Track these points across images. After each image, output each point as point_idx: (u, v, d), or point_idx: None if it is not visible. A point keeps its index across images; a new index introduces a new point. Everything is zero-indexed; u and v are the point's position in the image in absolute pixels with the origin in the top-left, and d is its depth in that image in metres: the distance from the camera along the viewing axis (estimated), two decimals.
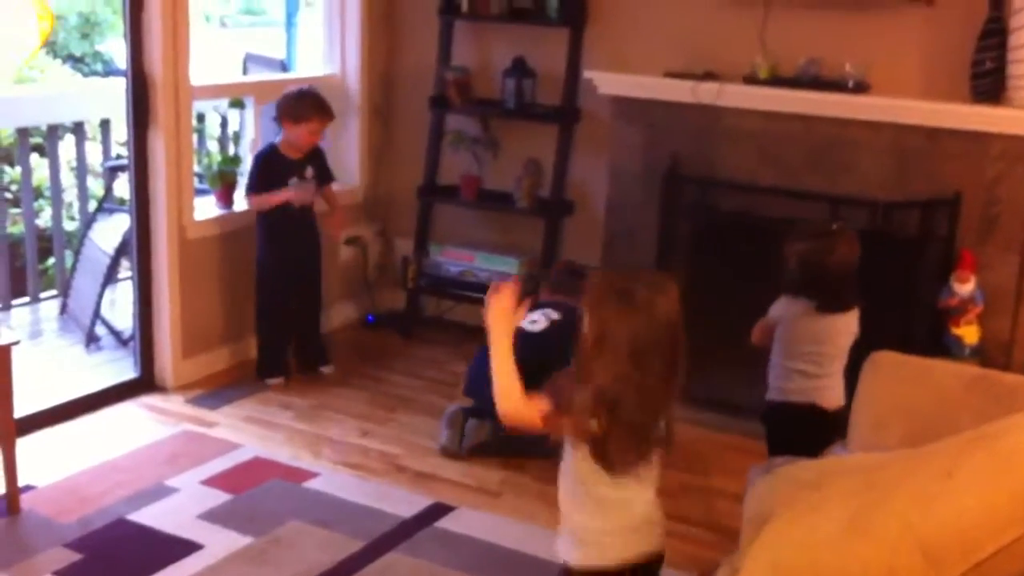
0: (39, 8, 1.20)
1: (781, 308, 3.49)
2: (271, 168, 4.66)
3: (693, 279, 4.79)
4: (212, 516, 3.66)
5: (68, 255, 5.81)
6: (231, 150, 5.04)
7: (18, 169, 5.93)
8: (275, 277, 4.77)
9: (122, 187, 5.35)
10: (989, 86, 4.22)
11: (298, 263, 4.81)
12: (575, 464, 2.25)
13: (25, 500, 3.66)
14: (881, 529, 1.54)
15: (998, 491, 1.52)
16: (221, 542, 3.49)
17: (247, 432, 4.32)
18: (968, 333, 4.27)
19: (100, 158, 6.15)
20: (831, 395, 3.38)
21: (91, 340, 5.17)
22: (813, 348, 3.38)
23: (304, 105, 4.64)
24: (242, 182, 5.05)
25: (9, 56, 1.19)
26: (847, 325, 3.42)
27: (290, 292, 4.81)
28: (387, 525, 3.64)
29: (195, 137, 5.10)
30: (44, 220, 6.20)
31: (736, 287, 4.57)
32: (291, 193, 4.66)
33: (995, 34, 4.19)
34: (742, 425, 4.21)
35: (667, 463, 2.32)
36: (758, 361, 4.13)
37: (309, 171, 4.73)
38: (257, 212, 4.74)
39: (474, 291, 5.28)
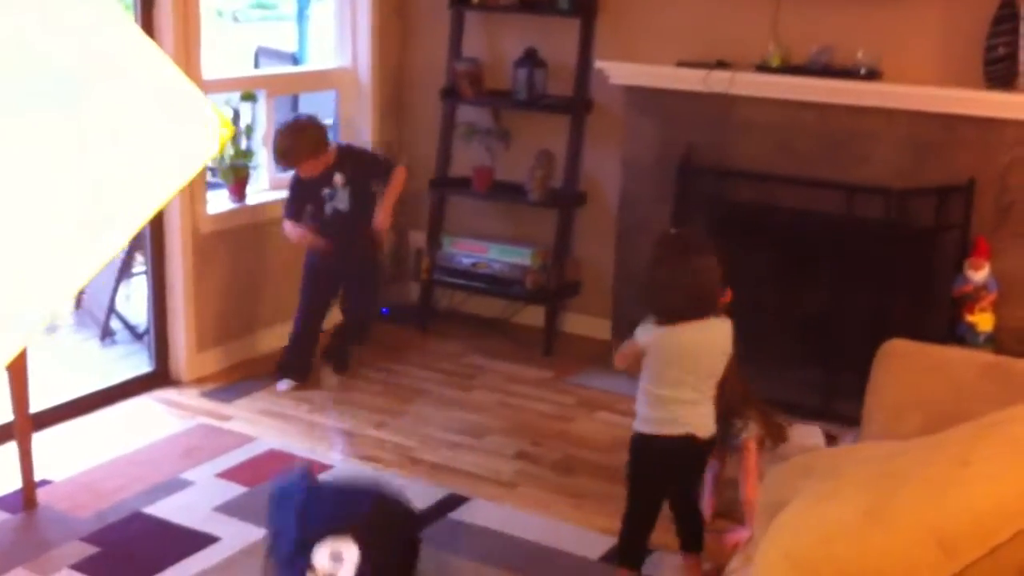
0: (221, 118, 1.22)
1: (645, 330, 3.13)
2: (299, 189, 4.60)
3: None
4: (228, 509, 3.67)
5: None
6: (243, 144, 5.04)
7: None
8: (311, 281, 4.70)
9: None
10: (1002, 72, 4.20)
11: (337, 274, 4.70)
12: None
13: (41, 494, 3.68)
14: (897, 518, 1.54)
15: (1013, 478, 1.52)
16: (237, 535, 3.50)
17: (262, 425, 4.33)
18: (982, 320, 4.26)
19: None
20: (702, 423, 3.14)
21: (106, 334, 5.20)
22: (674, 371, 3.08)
23: (276, 153, 4.62)
24: (255, 175, 5.06)
25: (189, 164, 1.21)
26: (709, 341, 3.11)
27: (326, 299, 4.73)
28: None
29: None
30: None
31: (752, 278, 4.56)
32: (297, 235, 4.64)
33: (1008, 19, 4.17)
34: (753, 414, 4.20)
35: None
36: (774, 352, 4.14)
37: (338, 178, 4.57)
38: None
39: (487, 283, 5.29)
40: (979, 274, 4.23)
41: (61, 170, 1.11)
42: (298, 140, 4.49)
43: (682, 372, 3.06)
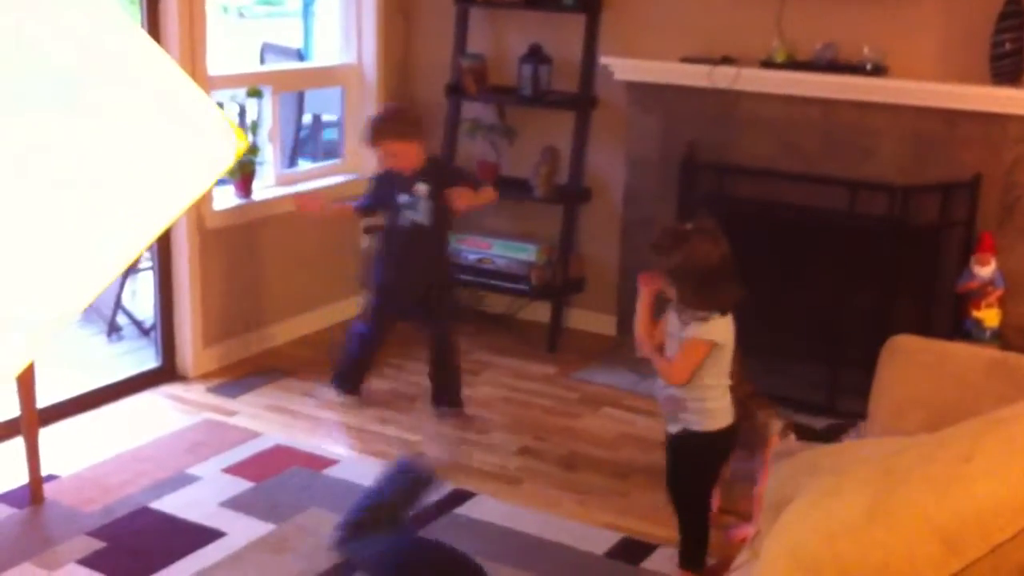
0: (236, 130, 1.22)
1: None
2: (379, 183, 4.42)
3: None
4: (234, 504, 3.68)
5: None
6: (249, 139, 5.05)
7: None
8: (376, 294, 4.52)
9: None
10: (1008, 68, 4.19)
11: (411, 292, 4.42)
12: None
13: (48, 490, 3.69)
14: (900, 515, 1.54)
15: (1017, 475, 1.52)
16: (243, 529, 3.51)
17: (268, 420, 4.34)
18: (988, 316, 4.26)
19: None
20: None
21: (112, 330, 5.21)
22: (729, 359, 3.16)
23: (366, 131, 4.37)
24: (261, 171, 5.06)
25: (204, 175, 1.20)
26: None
27: (387, 315, 4.50)
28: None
29: None
30: None
31: (756, 274, 4.56)
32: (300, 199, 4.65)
33: (1014, 15, 4.17)
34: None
35: None
36: (778, 349, 4.12)
37: (421, 188, 4.25)
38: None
39: (492, 279, 5.29)
40: (985, 270, 4.23)
41: (65, 176, 1.12)
42: (389, 116, 4.36)
43: (731, 360, 3.16)
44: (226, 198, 4.87)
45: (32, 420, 3.63)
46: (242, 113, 6.03)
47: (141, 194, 1.16)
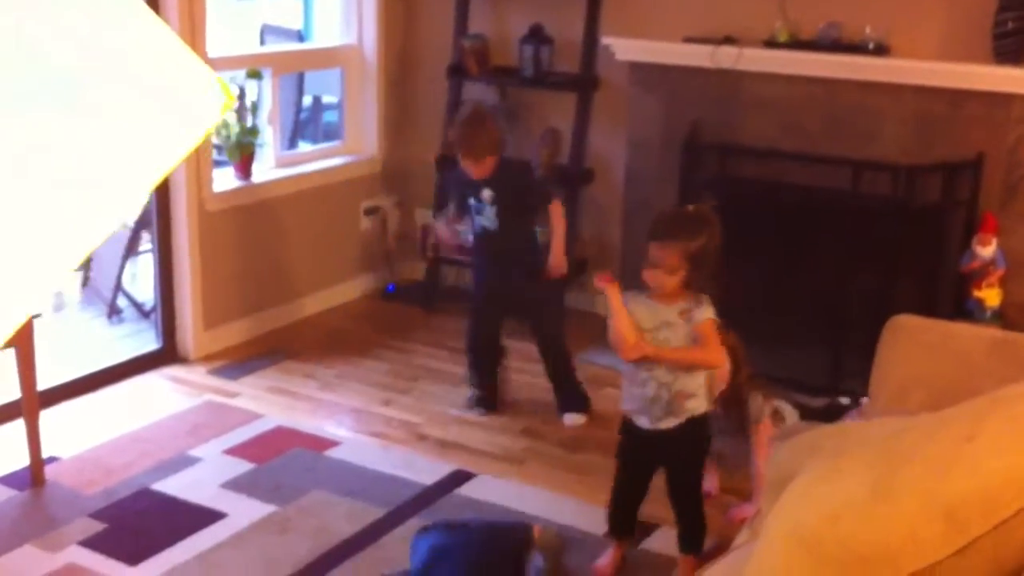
0: (222, 86, 1.20)
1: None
2: (449, 180, 4.34)
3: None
4: (235, 485, 3.68)
5: None
6: (249, 121, 5.04)
7: None
8: (474, 299, 4.47)
9: None
10: (1011, 47, 4.17)
11: (497, 298, 4.34)
12: None
13: (49, 471, 3.70)
14: (902, 494, 1.54)
15: (1018, 453, 1.51)
16: (245, 511, 3.52)
17: (269, 402, 4.34)
18: (990, 296, 4.25)
19: None
20: None
21: (113, 312, 5.21)
22: None
23: (457, 143, 4.17)
24: (260, 153, 5.05)
25: (191, 130, 1.19)
26: None
27: (484, 321, 4.38)
28: (409, 492, 3.66)
29: None
30: None
31: (759, 255, 4.56)
32: (438, 230, 4.56)
33: None
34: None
35: None
36: (781, 330, 4.11)
37: (486, 193, 4.13)
38: None
39: None
40: (987, 250, 4.22)
41: (45, 128, 1.11)
42: (467, 135, 4.08)
43: None
44: (226, 180, 4.86)
45: (33, 402, 3.63)
46: (242, 95, 6.01)
47: (127, 152, 1.16)
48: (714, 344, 3.00)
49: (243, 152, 4.90)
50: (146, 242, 5.34)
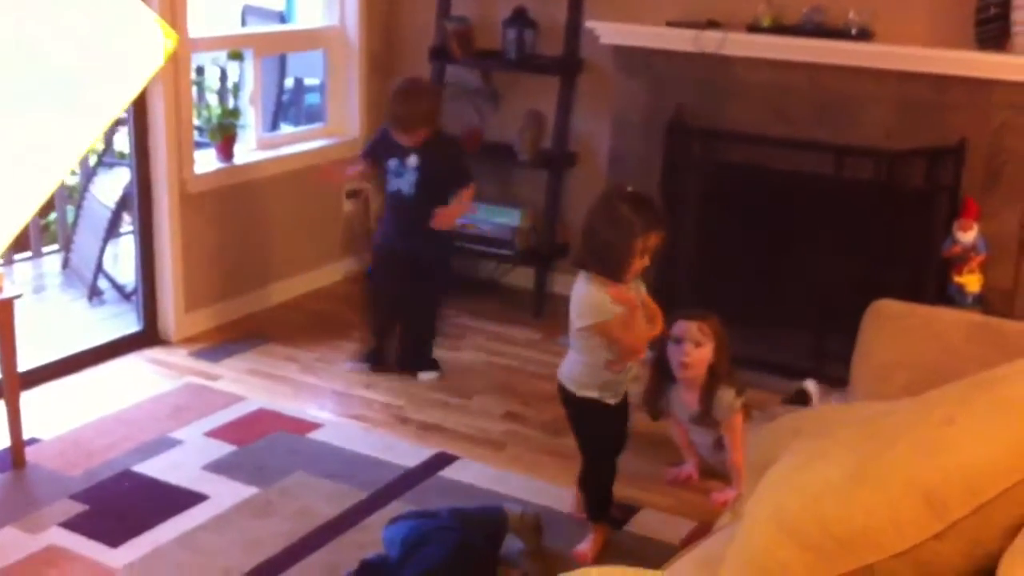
0: (163, 27, 1.18)
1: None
2: (380, 138, 4.39)
3: (698, 232, 4.79)
4: (217, 467, 3.68)
5: (69, 210, 5.80)
6: (231, 103, 5.01)
7: None
8: (376, 260, 4.57)
9: (122, 141, 5.33)
10: (994, 32, 4.18)
11: (397, 255, 4.42)
12: None
13: (30, 453, 3.68)
14: (884, 478, 1.55)
15: (999, 437, 1.52)
16: (226, 493, 3.51)
17: (251, 384, 4.33)
18: (970, 281, 4.27)
19: None
20: None
21: (94, 294, 5.18)
22: None
23: (390, 116, 4.32)
24: (242, 135, 5.02)
25: (135, 74, 1.18)
26: None
27: (383, 277, 4.51)
28: (391, 475, 3.66)
29: (194, 90, 5.07)
30: None
31: (742, 240, 4.56)
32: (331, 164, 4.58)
33: None
34: (745, 377, 4.21)
35: None
36: (766, 316, 4.11)
37: (412, 159, 4.25)
38: None
39: (476, 243, 5.27)
40: (967, 235, 4.23)
41: (45, 128, 1.10)
42: (403, 108, 4.22)
43: None
44: (208, 162, 4.83)
45: (14, 384, 3.62)
46: (223, 76, 5.98)
47: (67, 100, 1.15)
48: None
49: (225, 134, 4.88)
50: (127, 224, 5.32)
